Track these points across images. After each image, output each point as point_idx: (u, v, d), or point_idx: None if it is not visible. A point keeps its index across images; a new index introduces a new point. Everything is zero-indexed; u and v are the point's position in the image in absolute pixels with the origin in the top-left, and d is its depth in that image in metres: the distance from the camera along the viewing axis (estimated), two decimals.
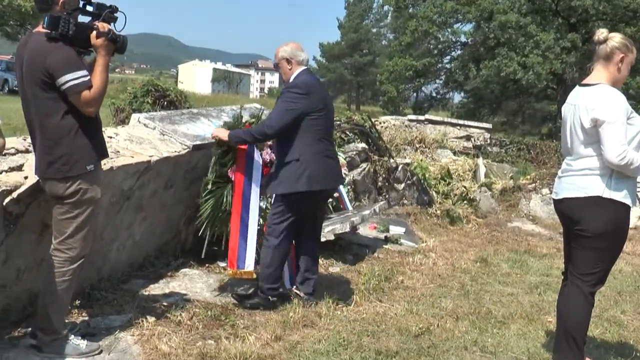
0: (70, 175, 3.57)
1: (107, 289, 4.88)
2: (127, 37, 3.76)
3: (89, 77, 3.53)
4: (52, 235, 3.71)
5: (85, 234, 3.69)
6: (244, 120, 5.33)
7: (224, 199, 5.08)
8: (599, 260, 3.85)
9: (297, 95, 4.70)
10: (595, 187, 3.78)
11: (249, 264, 5.01)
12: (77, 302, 4.51)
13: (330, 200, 7.46)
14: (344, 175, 5.23)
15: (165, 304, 4.78)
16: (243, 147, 5.03)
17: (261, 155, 5.19)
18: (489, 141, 16.47)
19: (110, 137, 5.11)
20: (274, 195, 5.02)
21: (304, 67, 4.90)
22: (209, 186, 5.11)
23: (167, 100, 10.01)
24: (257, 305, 4.89)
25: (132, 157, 4.86)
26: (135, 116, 5.81)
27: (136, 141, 5.24)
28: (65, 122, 3.55)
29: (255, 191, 5.08)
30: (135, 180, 4.93)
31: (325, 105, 4.81)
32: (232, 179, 5.07)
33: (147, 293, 5.01)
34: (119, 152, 4.82)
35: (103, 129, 3.93)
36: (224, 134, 4.94)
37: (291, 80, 4.84)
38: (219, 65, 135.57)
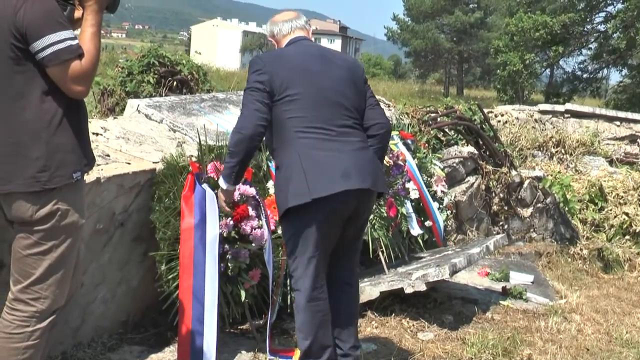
0: (48, 188, 3.59)
1: (87, 359, 4.96)
2: None
3: (77, 40, 3.57)
4: (11, 278, 3.76)
5: (62, 277, 3.74)
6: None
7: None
8: None
9: (251, 77, 4.79)
10: None
11: (209, 357, 4.96)
12: None
13: (421, 231, 7.48)
14: (375, 173, 5.01)
15: None
16: (188, 184, 5.10)
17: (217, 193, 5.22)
18: None
19: (96, 134, 5.23)
20: None
21: (292, 37, 5.07)
22: (163, 268, 5.17)
23: (176, 79, 10.14)
24: None
25: (129, 163, 4.96)
26: (132, 103, 5.92)
27: (134, 140, 5.36)
28: (45, 108, 3.57)
29: (212, 245, 5.06)
30: (133, 197, 5.03)
31: (299, 82, 4.79)
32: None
33: None
34: (109, 156, 4.93)
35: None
36: (222, 193, 4.90)
37: None
38: (252, 27, 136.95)
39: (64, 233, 3.68)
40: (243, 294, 5.35)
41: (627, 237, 10.26)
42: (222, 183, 4.80)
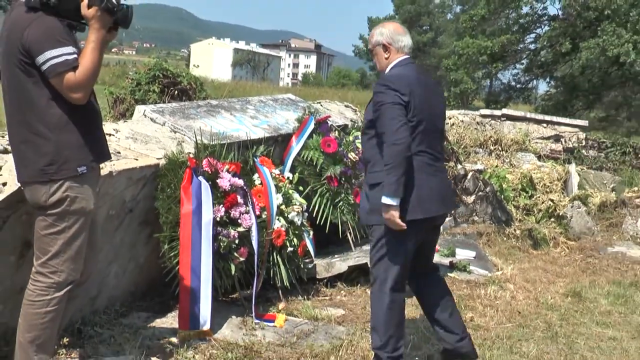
0: (56, 179, 3.65)
1: (102, 323, 4.97)
2: (132, 7, 3.81)
3: (75, 55, 3.58)
4: (34, 255, 3.79)
5: (75, 253, 3.77)
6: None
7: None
8: None
9: (390, 92, 4.43)
10: None
11: (205, 321, 5.03)
12: (65, 340, 4.58)
13: None
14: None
15: (174, 342, 4.84)
16: (186, 177, 5.11)
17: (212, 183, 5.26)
18: (584, 143, 16.23)
19: (109, 135, 5.20)
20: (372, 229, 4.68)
21: (404, 56, 4.71)
22: (166, 247, 5.16)
23: (177, 88, 10.11)
24: None
25: (136, 159, 4.93)
26: (140, 109, 5.91)
27: (141, 140, 5.33)
28: (52, 112, 3.63)
29: (207, 227, 5.09)
30: (140, 188, 5.01)
31: (421, 109, 4.47)
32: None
33: (152, 329, 5.09)
34: (119, 153, 4.91)
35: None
36: (392, 210, 4.30)
37: (387, 71, 4.71)
38: (242, 45, 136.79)
39: (74, 216, 3.74)
40: (233, 268, 5.36)
41: (552, 219, 10.29)
42: (389, 200, 4.26)
